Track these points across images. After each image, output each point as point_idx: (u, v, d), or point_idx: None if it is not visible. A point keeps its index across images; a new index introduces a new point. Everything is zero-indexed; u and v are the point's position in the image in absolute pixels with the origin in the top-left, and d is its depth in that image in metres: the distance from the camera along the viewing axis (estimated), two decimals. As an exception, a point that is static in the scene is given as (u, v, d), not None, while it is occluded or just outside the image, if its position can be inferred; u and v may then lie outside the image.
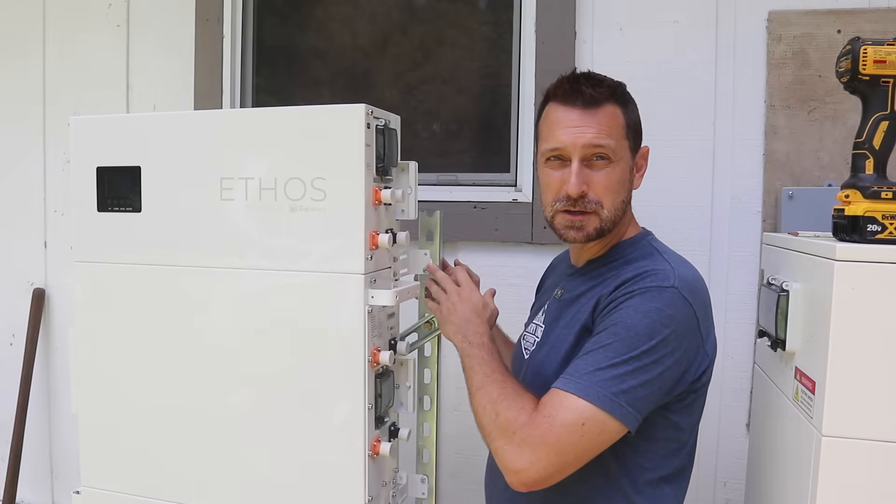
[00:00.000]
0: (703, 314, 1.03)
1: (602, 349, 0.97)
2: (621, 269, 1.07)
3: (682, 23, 1.71)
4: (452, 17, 2.00)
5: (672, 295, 0.99)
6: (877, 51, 1.05)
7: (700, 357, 1.03)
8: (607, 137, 1.06)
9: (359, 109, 1.09)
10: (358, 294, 1.11)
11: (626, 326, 0.97)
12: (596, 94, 1.07)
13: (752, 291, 1.66)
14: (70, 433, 2.13)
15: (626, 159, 1.10)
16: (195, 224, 1.20)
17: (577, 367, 0.98)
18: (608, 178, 1.07)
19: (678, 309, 0.99)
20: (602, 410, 0.94)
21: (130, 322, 1.26)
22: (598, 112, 1.06)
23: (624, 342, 0.96)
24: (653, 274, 1.02)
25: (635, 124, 1.12)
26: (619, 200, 1.09)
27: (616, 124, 1.08)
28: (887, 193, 1.05)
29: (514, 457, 0.97)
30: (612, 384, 0.95)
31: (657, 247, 1.12)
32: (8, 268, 2.22)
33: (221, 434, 1.21)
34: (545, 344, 1.14)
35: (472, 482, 1.84)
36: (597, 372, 0.96)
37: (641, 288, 1.00)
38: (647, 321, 0.97)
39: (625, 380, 0.95)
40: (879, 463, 0.97)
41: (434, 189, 1.88)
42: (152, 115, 1.78)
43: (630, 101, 1.12)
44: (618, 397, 0.94)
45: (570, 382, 0.97)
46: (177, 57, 2.06)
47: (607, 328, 0.99)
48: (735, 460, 1.69)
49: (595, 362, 0.96)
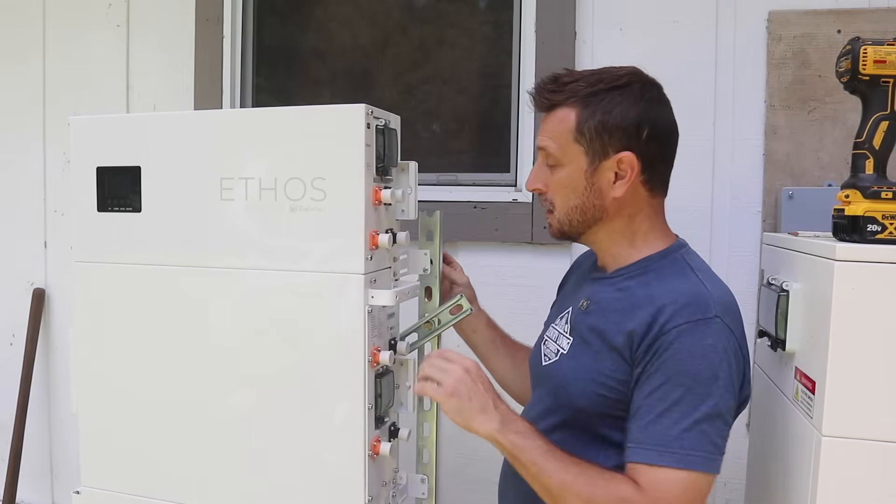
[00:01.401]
0: (741, 337, 1.02)
1: (676, 406, 0.95)
2: (651, 286, 1.04)
3: (682, 23, 1.71)
4: (452, 17, 2.00)
5: (718, 327, 0.97)
6: (877, 51, 1.05)
7: (746, 379, 1.04)
8: (549, 140, 1.08)
9: (359, 109, 1.09)
10: (358, 294, 1.11)
11: (689, 375, 0.95)
12: (544, 100, 1.09)
13: (752, 291, 1.65)
14: (70, 433, 2.13)
15: (577, 164, 1.06)
16: (195, 224, 1.20)
17: (659, 435, 0.95)
18: (556, 180, 1.09)
19: (728, 340, 0.98)
20: (705, 473, 0.95)
21: (130, 322, 1.25)
22: (549, 116, 1.10)
23: (695, 392, 0.95)
24: (693, 304, 0.98)
25: (600, 127, 1.03)
26: (571, 205, 1.08)
27: (562, 129, 1.06)
28: (887, 193, 1.05)
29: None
30: (703, 441, 0.95)
31: (690, 262, 1.07)
32: (8, 268, 2.22)
33: (221, 434, 1.21)
34: (573, 358, 1.09)
35: (472, 482, 1.84)
36: (684, 435, 0.94)
37: (686, 323, 0.97)
38: (706, 363, 0.96)
39: (712, 432, 0.95)
40: (879, 463, 0.97)
41: (434, 189, 1.88)
42: (152, 115, 1.78)
43: (601, 104, 1.04)
44: (713, 453, 0.95)
45: (662, 455, 0.94)
46: (177, 57, 2.05)
47: (669, 378, 0.96)
48: (735, 460, 1.68)
49: (676, 423, 0.95)
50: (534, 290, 1.39)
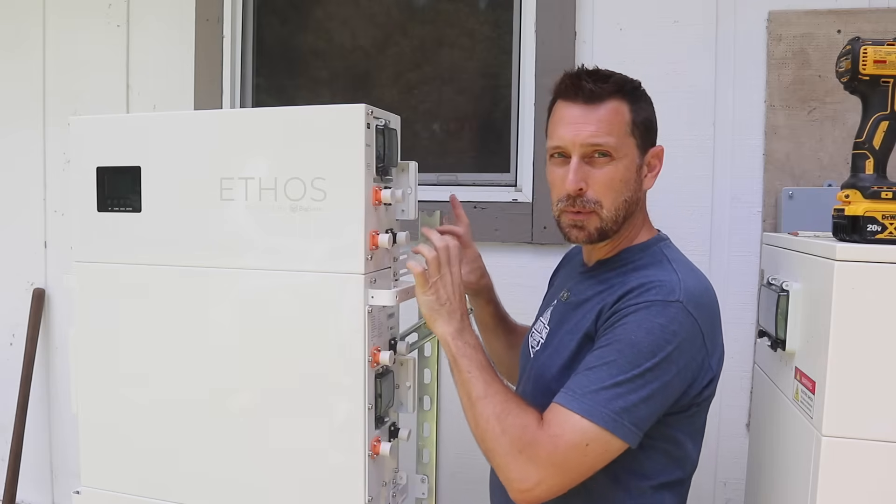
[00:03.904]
0: (708, 328, 1.02)
1: (605, 366, 0.97)
2: (628, 276, 1.06)
3: (682, 23, 1.71)
4: (452, 17, 2.00)
5: (676, 310, 0.98)
6: (877, 51, 1.05)
7: (704, 371, 1.02)
8: (607, 134, 1.05)
9: (359, 109, 1.08)
10: (358, 294, 1.11)
11: (629, 343, 0.97)
12: (598, 89, 1.05)
13: (752, 291, 1.66)
14: (70, 433, 2.13)
15: (631, 157, 1.08)
16: (195, 224, 1.20)
17: (580, 384, 0.97)
18: (608, 175, 1.06)
19: (682, 325, 0.98)
20: (606, 431, 0.94)
21: (130, 322, 1.25)
22: (599, 108, 1.05)
23: (627, 359, 0.96)
24: (658, 286, 1.00)
25: (645, 122, 1.09)
26: (621, 200, 1.07)
27: (619, 120, 1.06)
28: (887, 193, 1.05)
29: (520, 475, 0.97)
30: (616, 403, 0.95)
31: (668, 254, 1.09)
32: (8, 268, 2.22)
33: (221, 434, 1.21)
34: (548, 346, 1.14)
35: (472, 482, 1.84)
36: (601, 391, 0.95)
37: (646, 301, 0.99)
38: (651, 338, 0.96)
39: (628, 398, 0.95)
40: (879, 463, 0.97)
41: (434, 189, 1.88)
42: (152, 115, 1.77)
43: (642, 98, 1.10)
44: (621, 416, 0.94)
45: (573, 400, 0.96)
46: (177, 57, 2.05)
47: (610, 343, 0.98)
48: (735, 460, 1.69)
49: (598, 380, 0.96)
50: (534, 290, 1.39)
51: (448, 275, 1.08)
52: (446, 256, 1.08)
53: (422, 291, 1.08)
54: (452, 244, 1.10)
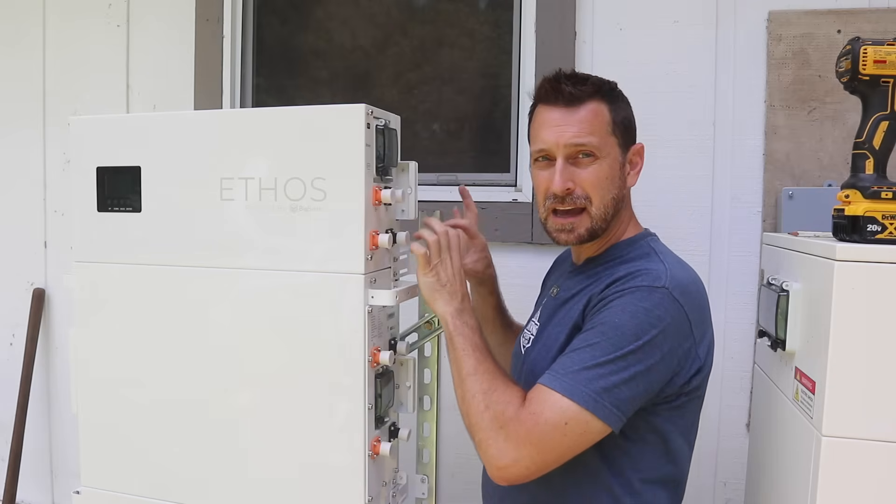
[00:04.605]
0: (696, 316, 1.02)
1: (588, 347, 0.97)
2: (616, 267, 1.07)
3: (682, 23, 1.71)
4: (452, 17, 2.00)
5: (662, 295, 0.99)
6: (877, 51, 1.05)
7: (691, 360, 1.02)
8: (589, 135, 1.07)
9: (359, 109, 1.09)
10: (358, 294, 1.11)
11: (613, 325, 0.98)
12: (577, 91, 1.07)
13: (752, 291, 1.66)
14: (70, 433, 2.13)
15: (614, 156, 1.10)
16: (195, 224, 1.20)
17: (563, 365, 0.98)
18: (594, 174, 1.08)
19: (667, 310, 0.98)
20: (585, 410, 0.94)
21: (130, 322, 1.25)
22: (579, 109, 1.08)
23: (610, 341, 0.96)
24: (644, 273, 1.02)
25: (624, 121, 1.11)
26: (609, 198, 1.09)
27: (600, 121, 1.08)
28: (887, 193, 1.05)
29: (498, 452, 0.98)
30: (597, 383, 0.95)
31: (655, 247, 1.12)
32: (8, 268, 2.22)
33: (221, 434, 1.21)
34: (539, 342, 1.15)
35: (472, 482, 1.84)
36: (582, 371, 0.96)
37: (631, 287, 1.00)
38: (635, 321, 0.97)
39: (609, 379, 0.95)
40: (879, 463, 0.97)
41: (434, 189, 1.88)
42: (152, 115, 1.78)
43: (619, 99, 1.12)
44: (602, 397, 0.95)
45: (555, 380, 0.97)
46: (177, 57, 2.05)
47: (595, 326, 0.99)
48: (735, 460, 1.69)
49: (581, 361, 0.97)
50: (534, 290, 1.39)
51: (448, 259, 1.11)
52: (446, 241, 1.11)
53: (423, 273, 1.11)
54: (453, 232, 1.13)
